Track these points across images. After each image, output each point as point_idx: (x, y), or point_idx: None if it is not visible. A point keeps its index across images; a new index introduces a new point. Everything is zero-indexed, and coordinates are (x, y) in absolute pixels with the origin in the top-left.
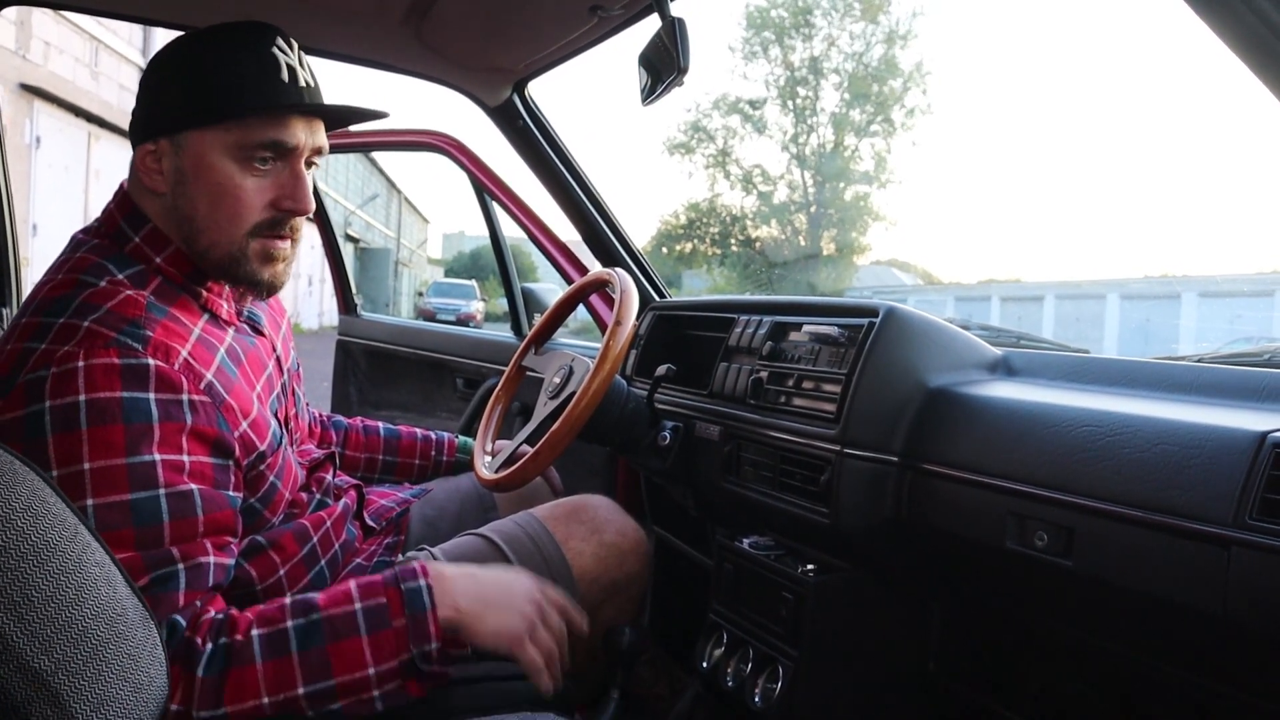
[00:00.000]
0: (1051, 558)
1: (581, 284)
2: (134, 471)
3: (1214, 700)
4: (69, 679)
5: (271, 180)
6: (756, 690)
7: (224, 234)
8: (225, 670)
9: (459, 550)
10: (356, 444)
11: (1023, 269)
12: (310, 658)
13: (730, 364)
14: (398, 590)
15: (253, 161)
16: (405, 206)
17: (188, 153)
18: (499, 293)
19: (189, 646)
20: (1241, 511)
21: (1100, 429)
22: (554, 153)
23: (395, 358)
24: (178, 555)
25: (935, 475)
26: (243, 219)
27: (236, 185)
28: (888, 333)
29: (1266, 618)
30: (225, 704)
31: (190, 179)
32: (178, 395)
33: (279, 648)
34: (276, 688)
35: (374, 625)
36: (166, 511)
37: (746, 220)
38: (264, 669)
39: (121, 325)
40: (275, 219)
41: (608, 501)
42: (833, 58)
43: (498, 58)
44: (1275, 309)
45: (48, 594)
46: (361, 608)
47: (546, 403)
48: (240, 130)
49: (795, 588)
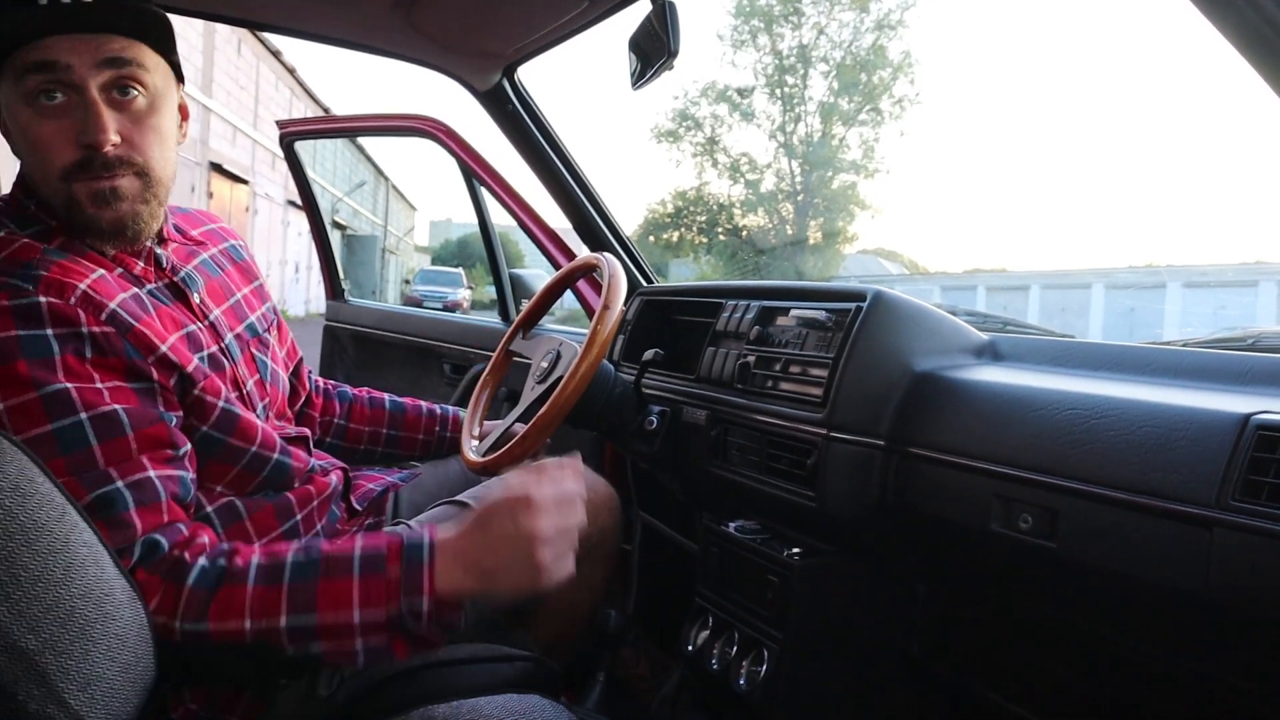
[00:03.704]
0: (1036, 540)
1: (570, 268)
2: (48, 401)
3: (1195, 680)
4: (56, 658)
5: (70, 119)
6: (741, 673)
7: (45, 184)
8: (216, 587)
9: (434, 519)
10: (361, 416)
11: (1009, 259)
12: (298, 590)
13: (717, 349)
14: (399, 540)
15: (39, 99)
16: (392, 193)
17: (3, 110)
18: (486, 281)
19: (177, 562)
20: (1224, 492)
21: (1085, 412)
22: (543, 138)
23: (382, 343)
24: (116, 475)
25: (921, 459)
26: (50, 163)
27: (36, 130)
28: (875, 317)
29: (1247, 596)
30: (210, 619)
31: (11, 135)
32: (76, 328)
33: (272, 576)
34: (260, 613)
35: (368, 569)
36: (93, 434)
37: (734, 209)
38: (253, 592)
39: (13, 269)
40: (85, 158)
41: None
42: (821, 46)
43: (488, 42)
44: (1259, 299)
45: (35, 573)
46: (360, 553)
47: (534, 386)
48: (12, 69)
49: (781, 571)
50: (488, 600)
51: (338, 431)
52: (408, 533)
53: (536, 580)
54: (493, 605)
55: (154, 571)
